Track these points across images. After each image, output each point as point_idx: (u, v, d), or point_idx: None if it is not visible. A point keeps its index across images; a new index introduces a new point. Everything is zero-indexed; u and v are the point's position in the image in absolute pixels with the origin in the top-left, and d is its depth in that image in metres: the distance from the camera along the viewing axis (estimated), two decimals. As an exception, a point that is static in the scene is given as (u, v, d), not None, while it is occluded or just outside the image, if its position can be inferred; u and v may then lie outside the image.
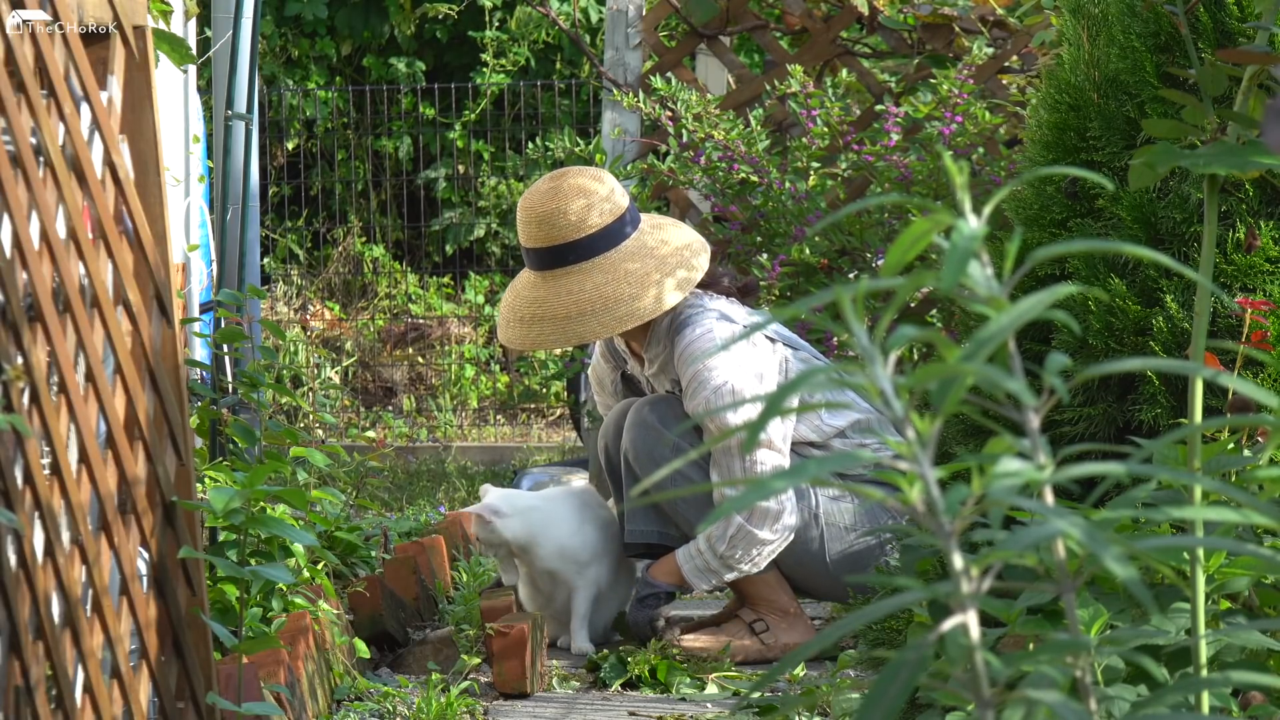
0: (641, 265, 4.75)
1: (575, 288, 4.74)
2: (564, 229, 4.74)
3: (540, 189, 4.79)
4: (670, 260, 4.78)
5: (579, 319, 4.73)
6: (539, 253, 4.78)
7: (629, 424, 4.87)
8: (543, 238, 4.76)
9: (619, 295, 4.71)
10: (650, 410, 4.84)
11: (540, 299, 4.77)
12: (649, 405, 4.87)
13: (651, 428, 4.82)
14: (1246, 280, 3.38)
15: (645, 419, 4.83)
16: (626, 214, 4.79)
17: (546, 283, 4.78)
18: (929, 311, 7.29)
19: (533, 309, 4.78)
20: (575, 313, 4.73)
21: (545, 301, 4.76)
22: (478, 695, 4.37)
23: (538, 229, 4.76)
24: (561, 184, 4.77)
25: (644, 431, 4.82)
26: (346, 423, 9.87)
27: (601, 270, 4.74)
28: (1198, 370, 1.72)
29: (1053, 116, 3.57)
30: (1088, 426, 3.45)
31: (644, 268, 4.74)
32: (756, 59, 11.93)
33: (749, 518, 4.74)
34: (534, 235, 4.78)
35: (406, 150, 11.97)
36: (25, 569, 2.49)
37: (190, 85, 6.27)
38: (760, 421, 1.63)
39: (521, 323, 4.80)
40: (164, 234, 3.00)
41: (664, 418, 4.81)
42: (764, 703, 4.02)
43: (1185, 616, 2.70)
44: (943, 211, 1.67)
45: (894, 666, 1.64)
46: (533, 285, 4.81)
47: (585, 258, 4.74)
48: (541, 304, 4.77)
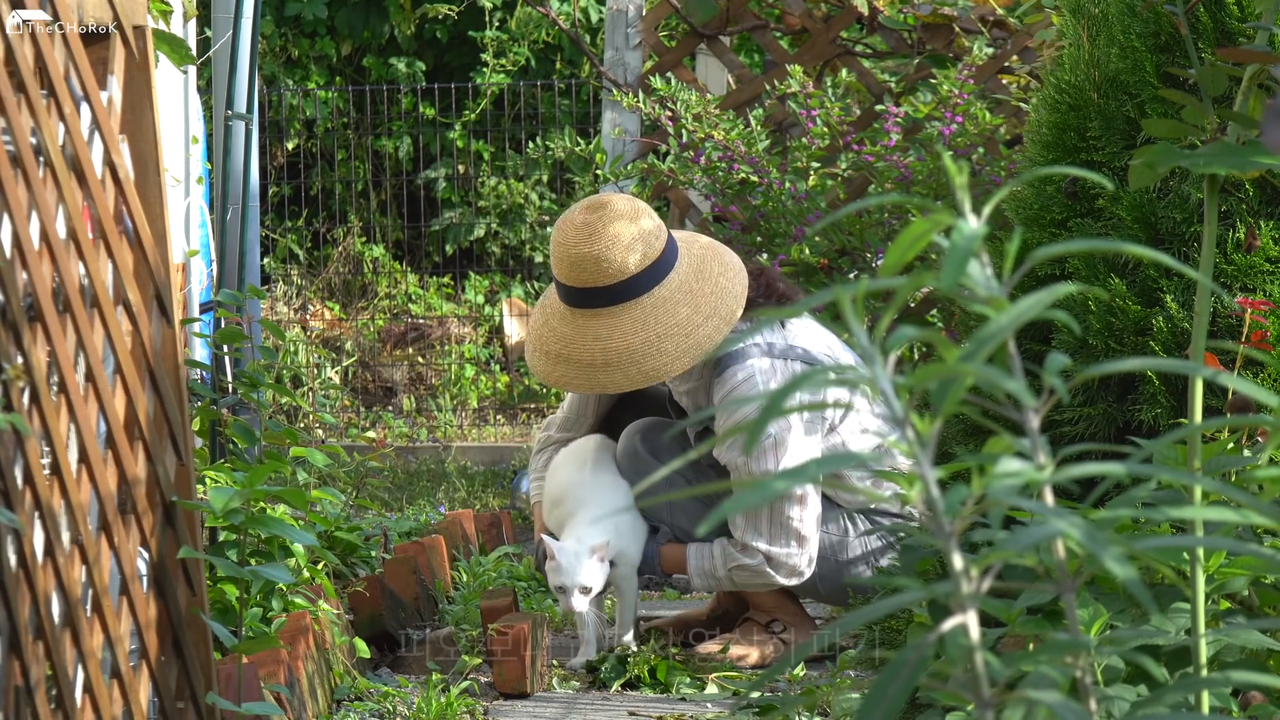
0: (673, 315, 4.59)
1: (604, 334, 4.59)
2: (595, 273, 4.57)
3: (576, 222, 4.59)
4: (704, 306, 4.62)
5: (603, 369, 4.59)
6: (569, 290, 4.62)
7: (621, 453, 4.83)
8: (574, 278, 4.59)
9: (647, 349, 4.57)
10: (641, 441, 4.81)
11: (568, 338, 4.63)
12: (639, 435, 4.82)
13: (643, 459, 4.79)
14: (1246, 280, 3.38)
15: (636, 449, 4.81)
16: (663, 256, 4.61)
17: (575, 320, 4.62)
18: (929, 311, 7.29)
19: (559, 346, 4.64)
20: (600, 361, 4.59)
21: (573, 341, 4.62)
22: (478, 695, 4.37)
23: (569, 269, 4.59)
24: (598, 221, 4.58)
25: (634, 462, 4.80)
26: (346, 423, 9.87)
27: (632, 318, 4.58)
28: (1198, 370, 1.72)
29: (1053, 116, 3.57)
30: (1088, 426, 3.45)
31: (676, 317, 4.59)
32: (756, 59, 11.93)
33: (770, 560, 4.67)
34: (565, 273, 4.61)
35: (406, 150, 11.97)
36: (25, 569, 2.49)
37: (190, 85, 6.27)
38: (760, 421, 1.63)
39: (548, 357, 4.66)
40: (164, 234, 3.00)
41: (655, 449, 4.79)
42: (764, 702, 4.02)
43: (1185, 616, 2.70)
44: (942, 211, 1.67)
45: (894, 666, 1.64)
46: (562, 318, 4.65)
47: (616, 302, 4.58)
48: (569, 343, 4.62)
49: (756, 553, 4.69)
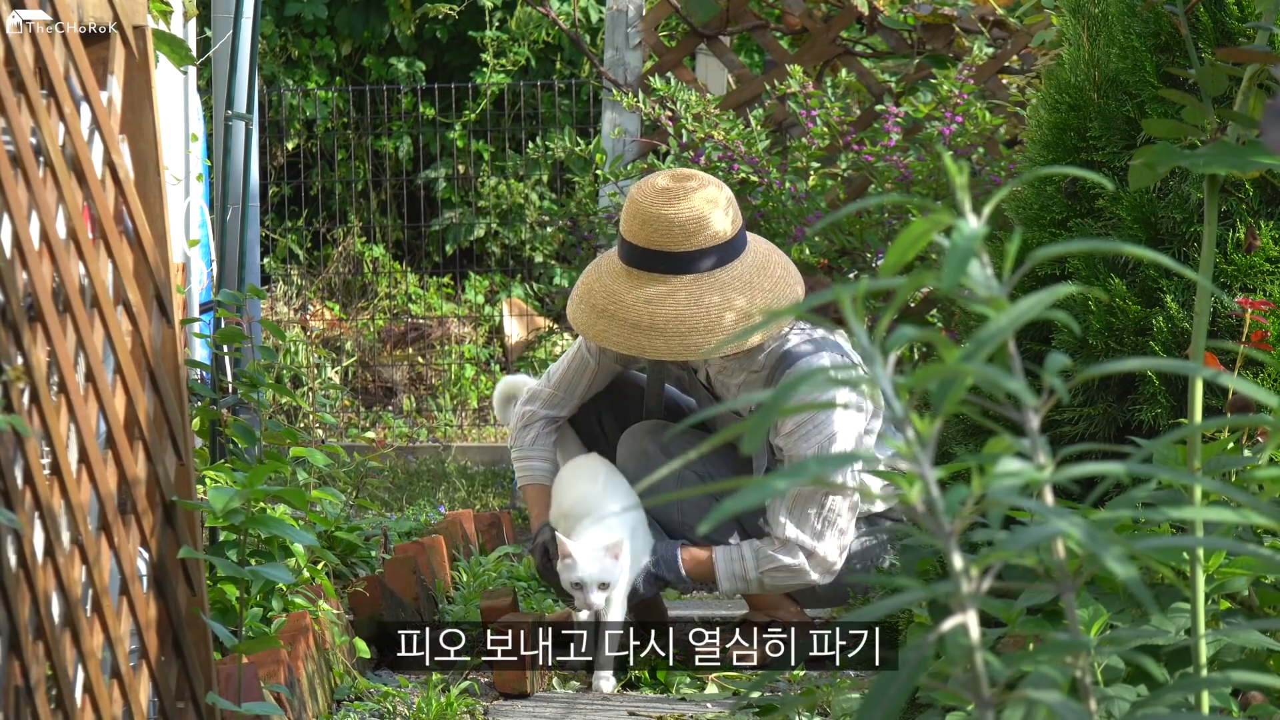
0: (733, 301, 4.59)
1: (656, 299, 4.59)
2: (666, 237, 4.58)
3: (659, 185, 4.62)
4: (760, 300, 4.62)
5: (647, 332, 4.58)
6: (633, 249, 4.61)
7: (628, 454, 4.81)
8: (644, 238, 4.60)
9: (696, 323, 4.56)
10: (651, 441, 4.81)
11: (618, 295, 4.62)
12: (649, 435, 4.82)
13: (655, 458, 4.78)
14: (1246, 280, 3.38)
15: (648, 450, 4.80)
16: (733, 241, 4.62)
17: (630, 280, 4.62)
18: (929, 311, 7.29)
19: (606, 302, 4.63)
20: (646, 324, 4.58)
21: (623, 300, 4.61)
22: (478, 695, 4.37)
23: (641, 227, 4.60)
24: (680, 189, 4.60)
25: (647, 462, 4.78)
26: (346, 423, 9.87)
27: (689, 291, 4.58)
28: (1198, 370, 1.72)
29: (1053, 116, 3.57)
30: (1088, 426, 3.45)
31: (733, 303, 4.58)
32: (756, 59, 11.93)
33: (813, 558, 4.64)
34: (635, 232, 4.61)
35: (406, 150, 11.97)
36: (25, 569, 2.49)
37: (190, 85, 6.27)
38: (760, 422, 1.63)
39: (593, 311, 4.65)
40: (164, 234, 3.00)
41: (668, 448, 4.78)
42: (764, 702, 4.02)
43: (1185, 616, 2.70)
44: (942, 211, 1.67)
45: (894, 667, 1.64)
46: (615, 276, 4.65)
47: (677, 271, 4.59)
48: (618, 300, 4.62)
49: (798, 550, 4.65)
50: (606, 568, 4.49)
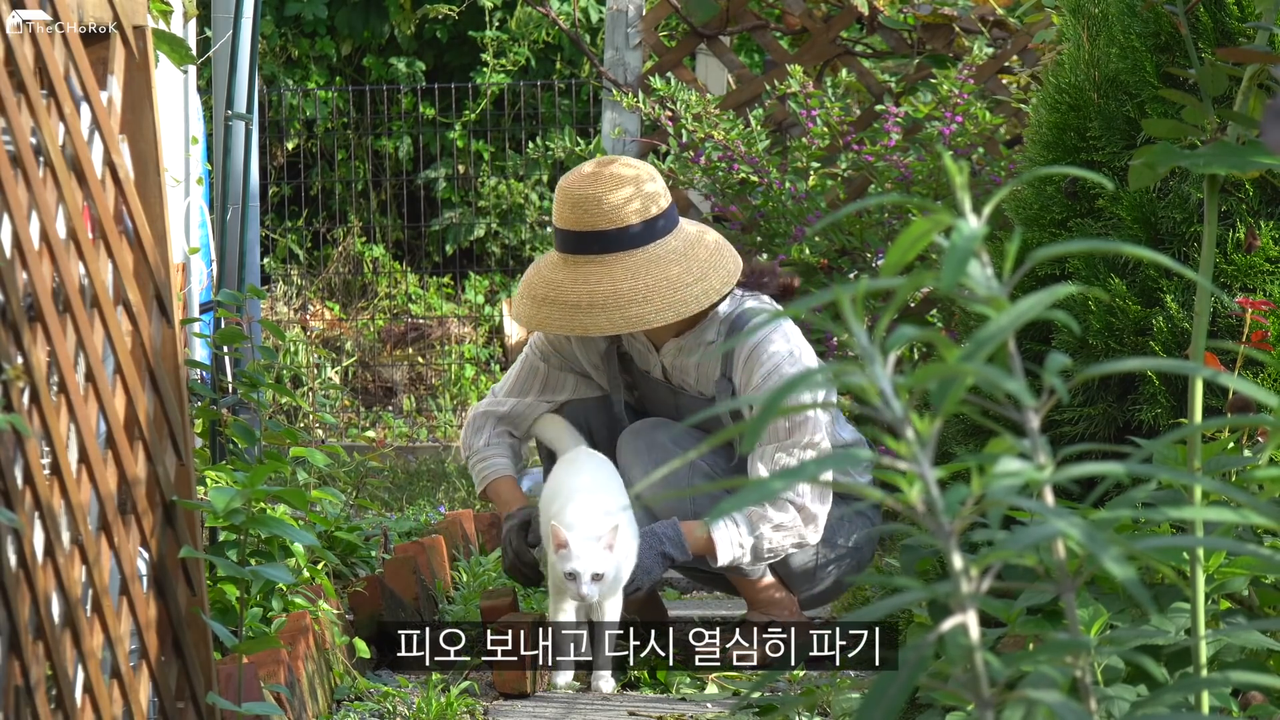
0: (667, 271, 4.67)
1: (594, 278, 4.66)
2: (596, 216, 4.67)
3: (584, 171, 4.72)
4: (696, 270, 4.70)
5: (588, 310, 4.66)
6: (566, 235, 4.70)
7: (637, 450, 4.82)
8: (574, 220, 4.68)
9: (634, 296, 4.65)
10: (663, 433, 4.82)
11: (558, 282, 4.70)
12: (658, 428, 4.83)
13: (667, 449, 4.79)
14: (1246, 280, 3.38)
15: (660, 441, 4.81)
16: (665, 215, 4.72)
17: (568, 267, 4.70)
18: (929, 311, 7.29)
19: (547, 290, 4.71)
20: (587, 303, 4.66)
21: (562, 285, 4.69)
22: (478, 695, 4.37)
23: (571, 211, 4.68)
24: (605, 171, 4.70)
25: (658, 454, 4.79)
26: (346, 423, 9.87)
27: (625, 266, 4.66)
28: (1198, 370, 1.72)
29: (1053, 116, 3.57)
30: (1088, 426, 3.45)
31: (667, 273, 4.67)
32: (756, 59, 11.93)
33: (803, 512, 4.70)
34: (566, 217, 4.70)
35: (406, 150, 11.97)
36: (25, 569, 2.49)
37: (190, 85, 6.27)
38: (760, 421, 1.63)
39: (533, 301, 4.73)
40: (164, 234, 3.00)
41: (677, 439, 4.79)
42: (764, 702, 4.02)
43: (1185, 616, 2.70)
44: (943, 211, 1.67)
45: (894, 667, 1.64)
46: (553, 267, 4.73)
47: (611, 250, 4.67)
48: (557, 287, 4.69)
49: (787, 505, 4.69)
50: (602, 558, 4.47)
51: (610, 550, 4.47)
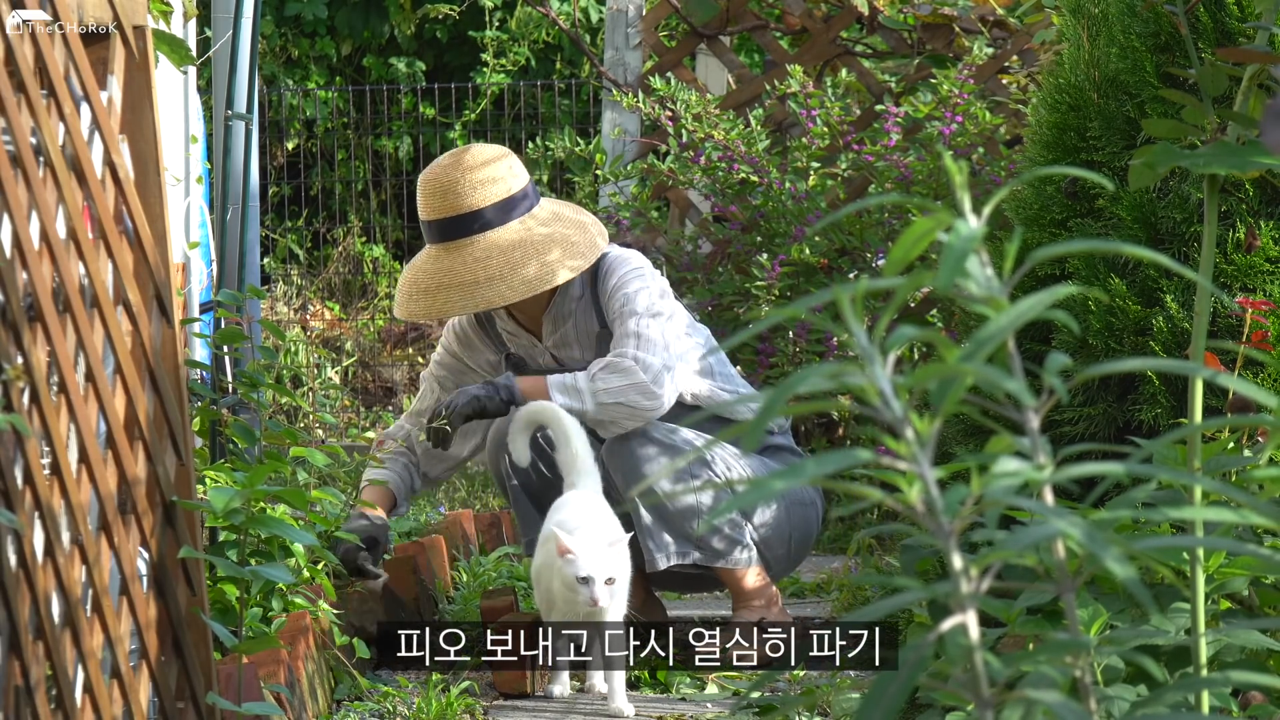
0: (550, 231, 4.81)
1: (481, 254, 4.78)
2: (468, 198, 4.80)
3: (442, 163, 4.86)
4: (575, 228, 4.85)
5: (486, 284, 4.76)
6: (442, 224, 4.82)
7: (621, 456, 4.82)
8: (447, 208, 4.81)
9: (526, 259, 4.76)
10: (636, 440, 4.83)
11: (444, 269, 4.81)
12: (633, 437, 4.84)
13: (627, 452, 4.80)
14: (1246, 280, 3.38)
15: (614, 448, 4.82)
16: (528, 188, 4.87)
17: (450, 253, 4.81)
18: (929, 311, 7.29)
19: (436, 279, 4.81)
20: (483, 278, 4.77)
21: (450, 270, 4.80)
22: (478, 695, 4.37)
23: (441, 200, 4.81)
24: (463, 158, 4.84)
25: (623, 460, 4.80)
26: (346, 423, 9.87)
27: (507, 238, 4.79)
28: (1198, 370, 1.72)
29: (1053, 116, 3.57)
30: (1088, 426, 3.45)
31: (552, 233, 4.80)
32: (756, 59, 11.93)
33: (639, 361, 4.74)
34: (437, 207, 4.82)
35: (406, 150, 11.97)
36: (25, 569, 2.49)
37: (190, 85, 6.27)
38: (760, 421, 1.63)
39: (425, 293, 4.82)
40: (164, 234, 3.00)
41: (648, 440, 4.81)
42: (764, 702, 4.02)
43: (1185, 616, 2.70)
44: (944, 211, 1.67)
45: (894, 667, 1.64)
46: (435, 258, 4.84)
47: (491, 226, 4.80)
48: (446, 273, 4.80)
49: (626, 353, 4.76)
50: (612, 561, 4.36)
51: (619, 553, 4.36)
